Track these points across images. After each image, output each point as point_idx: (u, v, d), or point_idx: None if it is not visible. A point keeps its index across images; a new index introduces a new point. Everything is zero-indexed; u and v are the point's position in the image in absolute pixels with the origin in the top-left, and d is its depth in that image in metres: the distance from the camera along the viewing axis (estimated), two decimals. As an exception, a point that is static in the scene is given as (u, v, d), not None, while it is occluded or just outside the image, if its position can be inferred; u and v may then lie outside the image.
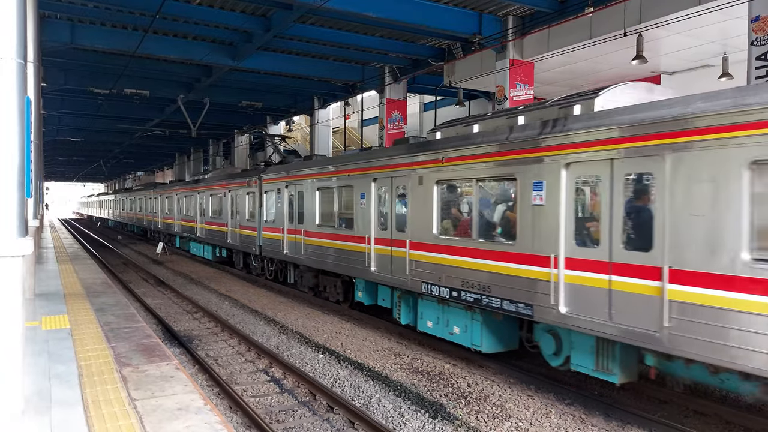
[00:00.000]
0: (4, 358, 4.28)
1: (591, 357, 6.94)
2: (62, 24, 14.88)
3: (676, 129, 5.73)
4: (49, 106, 23.03)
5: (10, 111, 4.44)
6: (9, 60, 4.42)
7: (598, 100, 7.17)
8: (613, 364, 6.68)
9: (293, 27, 14.90)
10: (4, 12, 4.35)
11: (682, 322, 5.63)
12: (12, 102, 4.45)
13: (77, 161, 54.14)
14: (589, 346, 6.95)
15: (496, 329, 8.54)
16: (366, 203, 11.22)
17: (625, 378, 6.72)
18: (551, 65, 15.57)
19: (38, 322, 7.55)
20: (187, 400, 4.73)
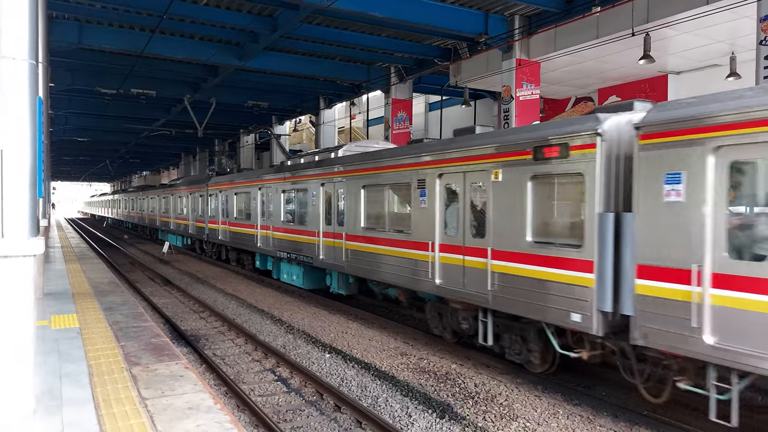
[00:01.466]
0: (16, 357, 4.31)
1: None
2: (70, 24, 14.95)
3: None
4: (57, 106, 23.15)
5: (22, 111, 4.48)
6: (21, 61, 4.47)
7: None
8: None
9: (299, 27, 14.92)
10: (16, 13, 4.39)
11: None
12: (24, 102, 4.49)
13: (83, 161, 54.39)
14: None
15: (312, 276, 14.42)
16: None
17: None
18: (558, 65, 15.55)
19: (47, 321, 7.60)
20: (197, 399, 4.75)
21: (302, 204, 14.43)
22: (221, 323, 12.11)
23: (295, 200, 15.03)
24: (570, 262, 6.87)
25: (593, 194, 6.56)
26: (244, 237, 18.39)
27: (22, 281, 4.37)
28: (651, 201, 5.96)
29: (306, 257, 13.95)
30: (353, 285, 12.94)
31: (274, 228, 16.08)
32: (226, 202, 20.30)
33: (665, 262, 5.83)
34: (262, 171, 17.92)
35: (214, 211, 21.59)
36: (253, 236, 17.45)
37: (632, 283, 6.14)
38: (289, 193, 15.27)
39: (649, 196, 5.98)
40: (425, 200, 9.55)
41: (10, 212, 4.38)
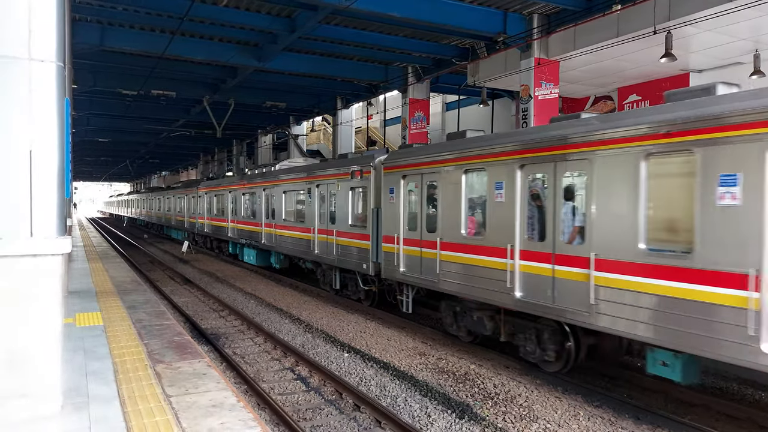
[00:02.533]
0: (45, 354, 4.40)
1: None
2: (92, 26, 15.18)
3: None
4: (79, 108, 23.51)
5: (50, 112, 4.56)
6: (49, 63, 4.55)
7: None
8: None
9: (318, 28, 14.97)
10: (45, 17, 4.48)
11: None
12: (52, 104, 4.57)
13: (104, 161, 55.15)
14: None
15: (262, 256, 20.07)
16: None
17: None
18: (577, 64, 15.40)
19: (73, 319, 7.74)
20: (220, 397, 4.81)
21: (253, 203, 21.07)
22: (240, 322, 12.22)
23: (249, 201, 21.60)
24: (361, 236, 12.80)
25: (369, 197, 12.50)
26: (221, 229, 25.06)
27: (50, 279, 4.46)
28: (386, 200, 11.71)
29: (255, 241, 20.27)
30: (284, 260, 18.68)
31: (234, 221, 23.16)
32: (208, 202, 27.07)
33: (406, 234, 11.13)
34: (234, 177, 24.61)
35: (202, 210, 28.10)
36: (226, 228, 24.08)
37: (382, 246, 11.89)
38: (246, 195, 21.79)
39: (385, 199, 11.80)
40: (311, 201, 15.63)
41: (38, 212, 4.46)
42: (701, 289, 5.85)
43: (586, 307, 7.06)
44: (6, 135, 4.35)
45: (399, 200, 11.23)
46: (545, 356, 8.11)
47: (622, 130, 6.81)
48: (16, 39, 4.36)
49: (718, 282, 5.71)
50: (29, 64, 4.44)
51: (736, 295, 5.54)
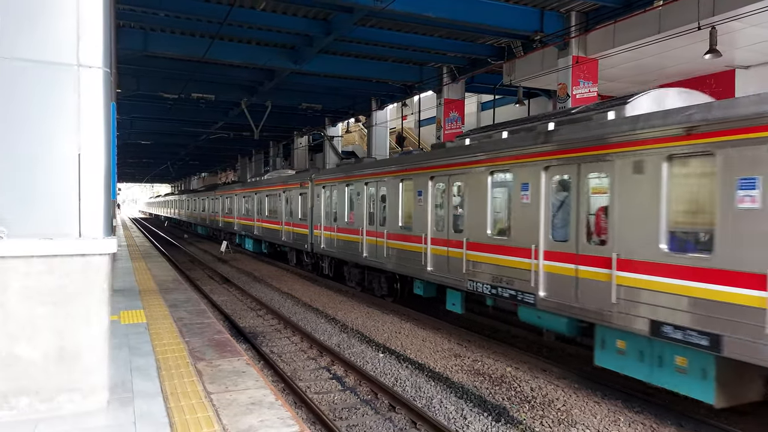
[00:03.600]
0: (93, 350, 4.57)
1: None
2: (136, 32, 15.65)
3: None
4: (123, 111, 24.26)
5: (97, 117, 4.72)
6: (97, 69, 4.71)
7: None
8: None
9: (353, 30, 15.08)
10: (93, 24, 4.64)
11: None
12: (99, 108, 4.74)
13: (146, 163, 56.77)
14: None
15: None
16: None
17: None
18: (616, 61, 15.07)
19: (117, 316, 7.99)
20: (259, 395, 4.90)
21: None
22: (277, 321, 12.40)
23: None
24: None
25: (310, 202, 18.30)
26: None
27: (98, 278, 4.62)
28: (318, 202, 17.42)
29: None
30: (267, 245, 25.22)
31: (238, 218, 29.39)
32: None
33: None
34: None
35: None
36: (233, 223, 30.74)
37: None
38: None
39: (318, 202, 17.62)
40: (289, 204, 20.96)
41: (86, 213, 4.63)
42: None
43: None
44: (56, 139, 4.53)
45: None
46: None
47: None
48: (65, 46, 4.54)
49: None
50: (78, 70, 4.61)
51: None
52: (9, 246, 4.32)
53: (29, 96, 4.42)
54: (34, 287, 4.40)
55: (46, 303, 4.43)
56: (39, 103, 4.45)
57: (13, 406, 4.33)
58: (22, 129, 4.40)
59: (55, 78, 4.50)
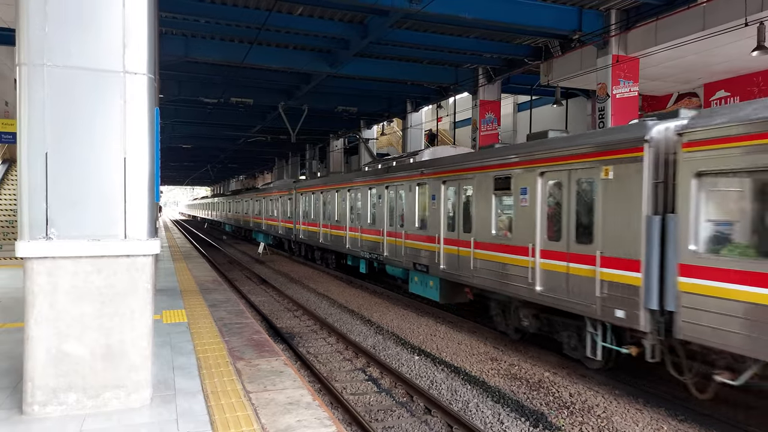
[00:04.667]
0: (137, 349, 4.71)
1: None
2: (177, 39, 16.07)
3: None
4: (165, 116, 24.94)
5: (142, 122, 4.88)
6: (141, 75, 4.87)
7: None
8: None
9: (388, 32, 15.12)
10: (138, 32, 4.80)
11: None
12: (144, 113, 4.89)
13: (187, 166, 58.13)
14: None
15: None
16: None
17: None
18: (659, 60, 14.68)
19: (160, 315, 8.21)
20: (297, 395, 4.96)
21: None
22: (314, 322, 12.51)
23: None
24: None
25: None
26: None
27: (142, 278, 4.77)
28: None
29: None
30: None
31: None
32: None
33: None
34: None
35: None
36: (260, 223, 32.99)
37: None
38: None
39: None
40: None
41: (131, 215, 4.79)
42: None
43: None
44: (103, 144, 4.70)
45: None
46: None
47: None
48: (112, 54, 4.71)
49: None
50: (124, 76, 4.78)
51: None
52: (59, 247, 4.50)
53: (80, 102, 4.60)
54: (82, 287, 4.57)
55: (94, 302, 4.59)
56: (88, 109, 4.63)
57: (62, 401, 4.51)
58: (73, 134, 4.58)
59: (103, 84, 4.66)
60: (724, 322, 5.96)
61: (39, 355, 4.45)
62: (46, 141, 4.50)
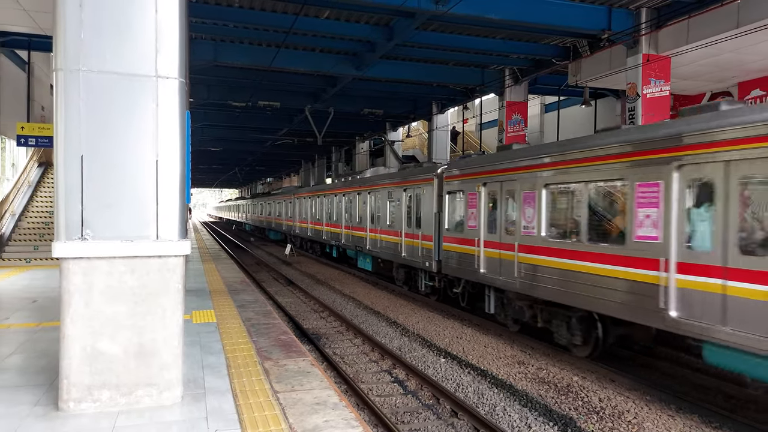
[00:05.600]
0: (169, 348, 4.80)
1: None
2: (207, 44, 16.34)
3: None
4: (195, 119, 25.38)
5: (173, 125, 4.97)
6: (173, 80, 4.97)
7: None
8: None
9: (414, 34, 15.12)
10: (170, 37, 4.90)
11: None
12: (175, 117, 4.99)
13: (215, 169, 59.00)
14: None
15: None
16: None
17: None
18: (691, 58, 14.36)
19: (190, 315, 8.35)
20: (323, 395, 4.99)
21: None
22: (340, 323, 12.57)
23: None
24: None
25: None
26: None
27: (173, 278, 4.86)
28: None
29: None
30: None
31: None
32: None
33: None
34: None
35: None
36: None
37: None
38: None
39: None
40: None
41: (163, 217, 4.88)
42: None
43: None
44: (136, 147, 4.80)
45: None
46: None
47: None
48: (145, 59, 4.82)
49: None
50: (156, 81, 4.88)
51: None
52: (94, 247, 4.62)
53: (114, 106, 4.72)
54: (116, 286, 4.68)
55: (127, 301, 4.70)
56: (122, 113, 4.74)
57: (96, 398, 4.62)
58: (107, 137, 4.69)
59: (136, 89, 4.77)
60: (454, 262, 12.77)
61: (74, 353, 4.57)
62: (81, 144, 4.62)
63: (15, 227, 17.50)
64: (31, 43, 15.93)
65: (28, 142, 15.83)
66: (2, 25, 12.92)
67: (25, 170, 20.12)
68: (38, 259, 15.95)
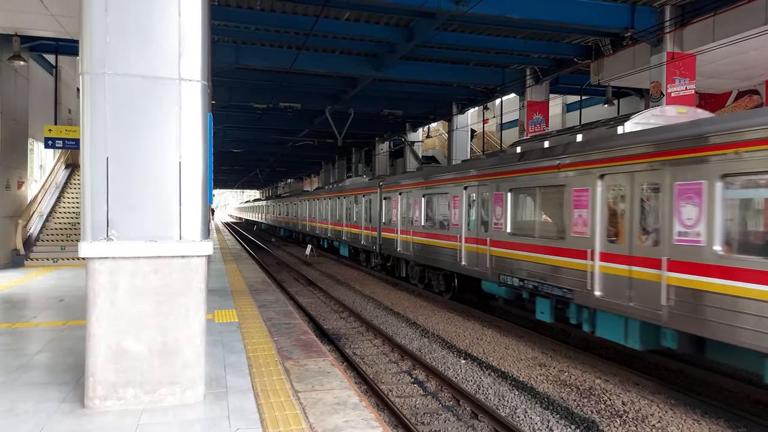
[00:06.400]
0: (191, 346, 4.86)
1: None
2: (228, 46, 16.53)
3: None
4: (216, 122, 25.67)
5: (196, 127, 5.04)
6: (196, 82, 5.03)
7: None
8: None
9: (434, 35, 15.10)
10: (192, 40, 4.96)
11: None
12: (198, 119, 5.05)
13: (237, 170, 59.65)
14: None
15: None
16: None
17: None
18: (716, 56, 14.11)
19: (212, 315, 8.45)
20: (344, 395, 5.01)
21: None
22: (359, 324, 12.59)
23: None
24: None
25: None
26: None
27: (196, 278, 4.92)
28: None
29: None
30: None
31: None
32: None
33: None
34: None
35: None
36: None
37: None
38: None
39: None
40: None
41: (186, 217, 4.95)
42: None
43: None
44: (160, 148, 4.88)
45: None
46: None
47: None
48: (169, 62, 4.89)
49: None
50: (179, 84, 4.95)
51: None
52: (119, 247, 4.70)
53: (138, 108, 4.80)
54: (140, 286, 4.76)
55: (151, 301, 4.77)
56: (146, 115, 4.82)
57: (121, 396, 4.70)
58: (132, 139, 4.78)
59: (160, 91, 4.85)
60: (387, 245, 18.59)
61: (100, 352, 4.66)
62: (107, 146, 4.71)
63: (43, 228, 17.89)
64: (58, 47, 16.28)
65: (56, 144, 16.17)
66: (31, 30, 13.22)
67: (53, 172, 20.56)
68: (65, 259, 16.29)
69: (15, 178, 15.94)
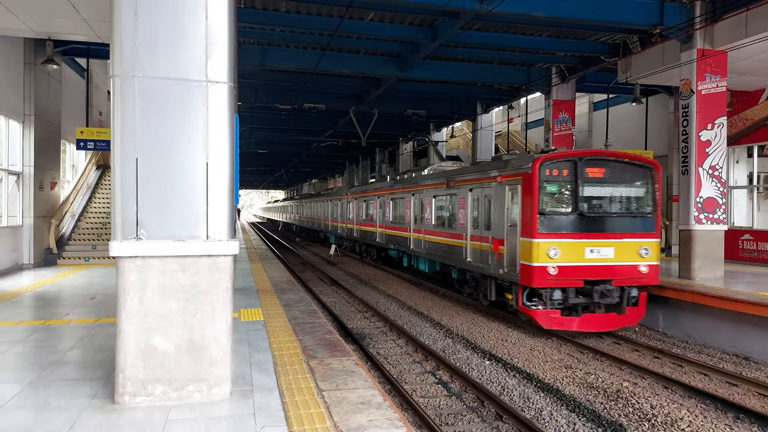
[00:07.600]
0: (218, 344, 4.93)
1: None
2: (254, 48, 16.70)
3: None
4: (242, 122, 25.91)
5: (223, 128, 5.10)
6: (223, 84, 5.10)
7: None
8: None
9: (458, 34, 15.03)
10: (219, 43, 5.03)
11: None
12: (224, 120, 5.12)
13: (262, 171, 60.23)
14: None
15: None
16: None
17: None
18: (749, 53, 13.73)
19: (238, 314, 8.55)
20: (368, 395, 5.02)
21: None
22: (383, 324, 12.61)
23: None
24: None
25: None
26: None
27: (222, 277, 4.99)
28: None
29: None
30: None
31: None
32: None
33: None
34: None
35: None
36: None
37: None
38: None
39: None
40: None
41: (213, 217, 5.02)
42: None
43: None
44: (188, 149, 4.95)
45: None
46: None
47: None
48: (196, 64, 4.96)
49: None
50: (206, 85, 5.02)
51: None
52: (148, 247, 4.79)
53: (167, 110, 4.88)
54: (168, 284, 4.84)
55: (179, 299, 4.85)
56: (175, 117, 4.90)
57: (149, 392, 4.79)
58: (161, 140, 4.86)
59: (188, 93, 4.93)
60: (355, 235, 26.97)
61: (129, 349, 4.75)
62: (136, 147, 4.80)
63: (75, 227, 18.33)
64: (89, 51, 16.65)
65: (87, 145, 16.54)
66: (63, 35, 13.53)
67: (84, 173, 21.05)
68: (96, 258, 16.66)
69: (48, 179, 16.36)
